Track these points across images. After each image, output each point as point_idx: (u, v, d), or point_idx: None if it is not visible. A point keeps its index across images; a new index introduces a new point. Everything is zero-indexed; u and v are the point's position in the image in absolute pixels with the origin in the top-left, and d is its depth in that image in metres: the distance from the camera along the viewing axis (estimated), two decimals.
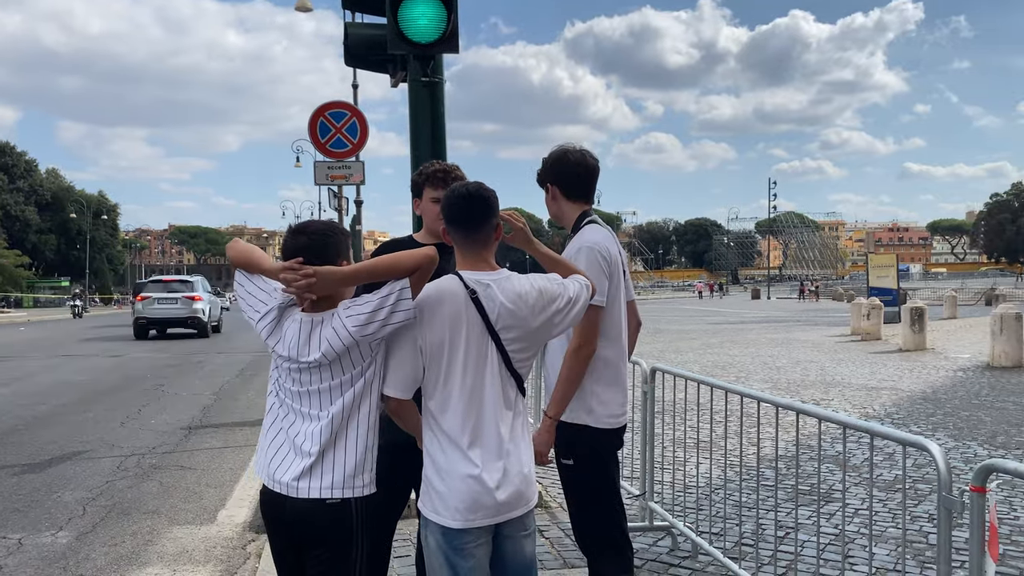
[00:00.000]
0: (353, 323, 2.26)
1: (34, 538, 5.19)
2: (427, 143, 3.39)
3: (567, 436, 2.97)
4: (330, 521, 2.28)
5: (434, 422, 2.34)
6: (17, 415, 10.18)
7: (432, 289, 2.34)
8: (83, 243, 79.26)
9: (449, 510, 2.27)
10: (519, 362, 2.38)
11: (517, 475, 2.33)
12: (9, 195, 72.68)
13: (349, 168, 9.09)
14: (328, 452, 2.29)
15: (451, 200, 2.41)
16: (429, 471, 2.34)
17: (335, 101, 9.15)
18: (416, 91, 3.38)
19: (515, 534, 2.38)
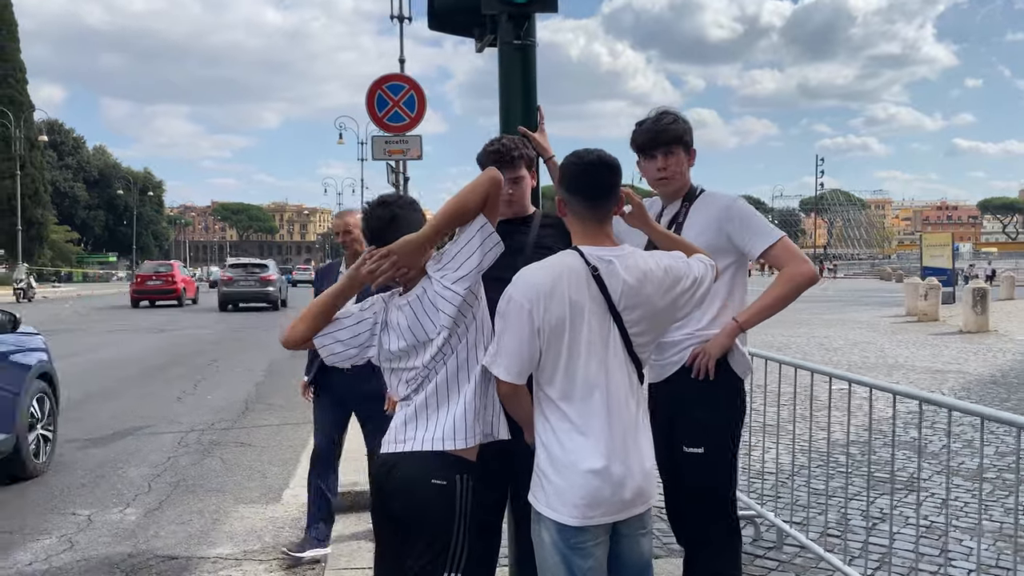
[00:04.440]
0: (450, 279, 2.17)
1: (103, 515, 5.17)
2: (519, 111, 3.19)
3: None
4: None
5: (552, 410, 2.16)
6: (77, 389, 10.29)
7: (549, 265, 2.17)
8: (130, 219, 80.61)
9: (567, 506, 2.11)
10: (640, 347, 2.20)
11: (640, 470, 2.16)
12: (59, 172, 74.02)
13: (407, 142, 8.92)
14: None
15: (576, 167, 2.23)
16: (543, 463, 2.18)
17: (393, 74, 8.99)
18: (508, 55, 3.18)
19: (633, 532, 2.21)
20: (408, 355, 2.27)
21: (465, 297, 2.19)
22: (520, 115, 3.15)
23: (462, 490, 2.19)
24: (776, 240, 2.79)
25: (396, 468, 2.24)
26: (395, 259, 2.20)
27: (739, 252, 2.85)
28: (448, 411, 2.23)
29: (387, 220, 2.30)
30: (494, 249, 2.21)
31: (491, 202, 2.20)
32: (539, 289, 2.11)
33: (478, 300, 2.25)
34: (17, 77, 48.41)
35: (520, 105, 3.17)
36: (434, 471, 2.18)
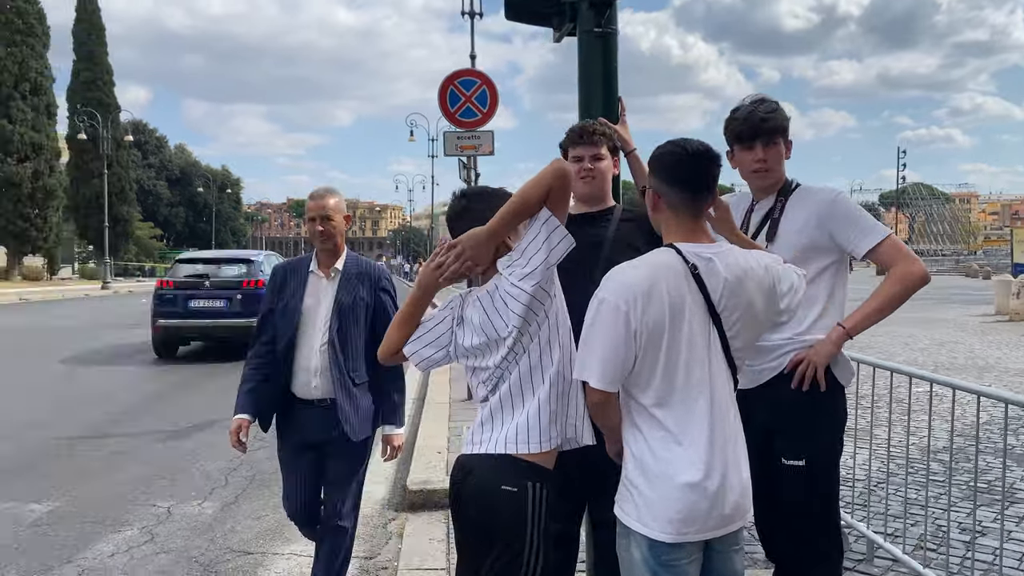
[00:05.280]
0: (518, 276, 2.08)
1: (182, 507, 5.25)
2: (599, 101, 3.07)
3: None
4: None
5: (645, 418, 2.03)
6: (157, 382, 10.60)
7: (644, 264, 2.04)
8: (209, 216, 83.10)
9: (659, 521, 1.97)
10: (736, 350, 2.06)
11: (738, 483, 2.02)
12: (143, 170, 76.72)
13: (479, 138, 8.87)
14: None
15: (677, 157, 2.08)
16: (634, 474, 2.05)
17: (465, 69, 8.95)
18: (588, 44, 3.06)
19: (727, 549, 2.07)
20: (482, 353, 2.19)
21: (534, 294, 2.09)
22: (600, 106, 3.04)
23: (535, 498, 2.09)
24: (883, 238, 2.61)
25: (471, 473, 2.16)
26: (460, 251, 2.12)
27: (841, 251, 2.67)
28: (520, 412, 2.14)
29: (458, 211, 2.26)
30: (562, 244, 2.08)
31: (555, 195, 2.08)
32: (635, 289, 1.98)
33: (551, 297, 2.14)
34: (105, 80, 50.35)
35: (600, 96, 3.05)
36: (505, 477, 2.09)
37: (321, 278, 3.27)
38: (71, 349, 14.02)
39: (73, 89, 49.07)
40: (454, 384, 8.93)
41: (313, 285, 3.26)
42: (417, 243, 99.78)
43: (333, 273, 3.26)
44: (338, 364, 3.17)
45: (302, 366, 3.22)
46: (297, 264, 3.40)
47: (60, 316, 22.58)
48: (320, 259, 3.30)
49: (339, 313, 3.19)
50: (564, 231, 2.08)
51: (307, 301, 3.23)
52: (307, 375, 3.21)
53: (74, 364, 12.45)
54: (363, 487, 3.48)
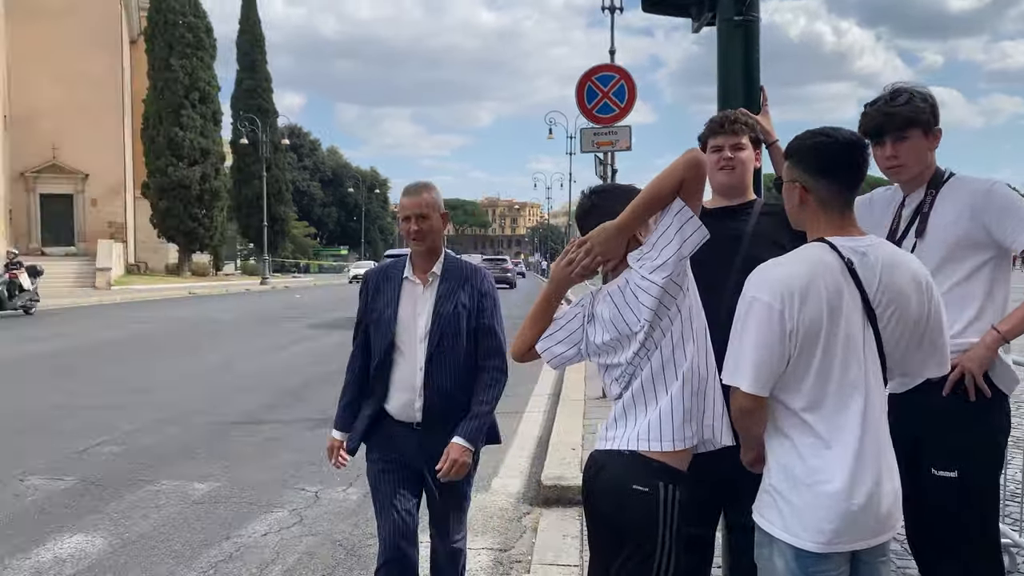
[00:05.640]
0: (648, 269, 2.04)
1: (329, 492, 5.51)
2: (739, 92, 2.97)
3: None
4: None
5: (794, 423, 1.95)
6: (309, 372, 11.17)
7: (799, 260, 1.95)
8: (359, 215, 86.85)
9: (809, 530, 1.88)
10: (890, 352, 1.94)
11: (891, 491, 1.91)
12: (298, 172, 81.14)
13: (615, 133, 8.80)
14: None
15: (827, 146, 1.98)
16: (779, 481, 1.96)
17: (603, 64, 8.91)
18: (727, 33, 2.96)
19: (873, 560, 1.96)
20: (613, 349, 2.16)
21: (666, 287, 2.04)
22: (741, 97, 2.93)
23: (666, 499, 2.04)
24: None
25: (603, 469, 2.14)
26: (589, 247, 2.11)
27: (999, 246, 2.45)
28: (652, 409, 2.10)
29: (586, 209, 2.25)
30: (695, 235, 2.02)
31: (688, 185, 2.02)
32: (791, 287, 1.89)
33: (683, 292, 2.08)
34: (264, 87, 53.64)
35: (741, 86, 2.95)
36: (636, 477, 2.06)
37: (417, 284, 2.90)
38: (231, 339, 15.02)
39: (236, 97, 52.57)
40: (589, 382, 8.90)
41: (409, 293, 2.90)
42: (555, 241, 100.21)
43: (431, 278, 2.89)
44: (441, 382, 2.82)
45: (400, 384, 2.87)
46: (390, 269, 3.01)
47: (222, 309, 24.25)
48: (415, 263, 2.93)
49: (440, 324, 2.82)
50: (698, 222, 2.03)
51: (403, 312, 2.88)
52: (406, 394, 2.86)
53: (233, 354, 13.33)
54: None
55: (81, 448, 6.71)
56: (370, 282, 3.03)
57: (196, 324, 19.25)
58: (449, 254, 2.96)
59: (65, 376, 10.80)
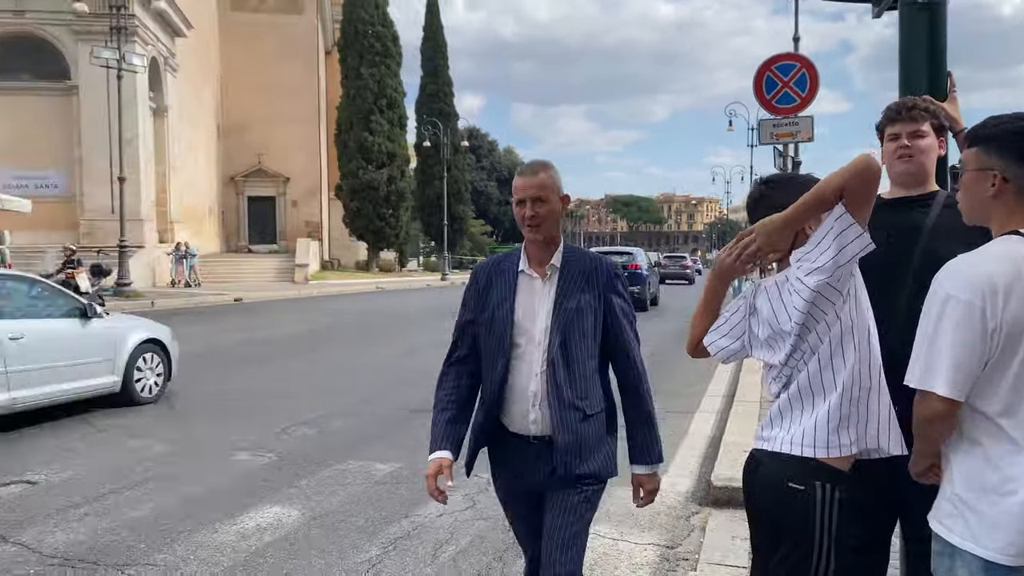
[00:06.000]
0: (804, 271, 1.99)
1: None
2: (923, 79, 2.80)
3: None
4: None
5: (986, 428, 1.84)
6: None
7: (999, 255, 1.83)
8: None
9: (1000, 542, 1.78)
10: None
11: None
12: (476, 172, 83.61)
13: (796, 124, 8.46)
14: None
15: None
16: (963, 489, 1.86)
17: (784, 53, 8.57)
18: (910, 17, 2.81)
19: None
20: (770, 347, 2.14)
21: (820, 291, 1.97)
22: (924, 84, 2.77)
23: (823, 499, 1.98)
24: None
25: (761, 466, 2.12)
26: (753, 238, 2.09)
27: None
28: (808, 415, 2.05)
29: (755, 198, 2.23)
30: (854, 244, 1.93)
31: (853, 192, 1.93)
32: (993, 283, 1.77)
33: (844, 297, 1.99)
34: (446, 91, 55.70)
35: (925, 72, 2.78)
36: (792, 475, 2.02)
37: (534, 279, 2.53)
38: (415, 331, 15.79)
39: (420, 101, 54.89)
40: (765, 383, 8.63)
41: (525, 288, 2.53)
42: (734, 236, 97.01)
43: (549, 271, 2.52)
44: (561, 391, 2.45)
45: (517, 393, 2.50)
46: (503, 262, 2.62)
47: (406, 302, 25.49)
48: (530, 254, 2.55)
49: (561, 324, 2.45)
50: (859, 230, 1.94)
51: (519, 310, 2.51)
52: (523, 405, 2.49)
53: (416, 344, 14.01)
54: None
55: (279, 429, 7.34)
56: (479, 276, 2.64)
57: (383, 316, 20.38)
58: (569, 246, 2.57)
59: (266, 363, 11.82)
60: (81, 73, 27.56)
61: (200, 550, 4.38)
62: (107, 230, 26.31)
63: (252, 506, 5.13)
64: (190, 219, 36.49)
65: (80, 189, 28.65)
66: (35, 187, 27.90)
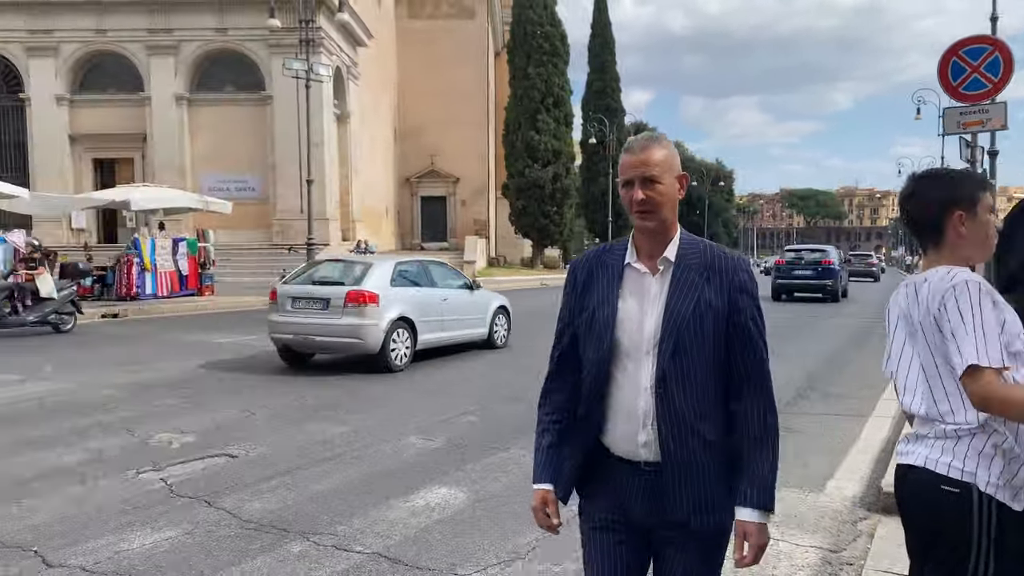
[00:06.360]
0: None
1: None
2: None
3: None
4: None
5: None
6: None
7: None
8: (702, 209, 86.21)
9: None
10: None
11: None
12: None
13: (987, 112, 7.82)
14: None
15: None
16: None
17: (973, 36, 7.95)
18: None
19: None
20: None
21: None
22: None
23: (982, 500, 1.92)
24: None
25: (912, 470, 2.07)
26: None
27: None
28: None
29: (905, 195, 2.16)
30: None
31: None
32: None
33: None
34: (613, 87, 55.50)
35: None
36: (946, 477, 1.97)
37: (644, 274, 2.11)
38: None
39: (587, 98, 55.05)
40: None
41: (633, 286, 2.12)
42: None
43: (662, 265, 2.10)
44: (677, 409, 2.03)
45: (621, 410, 2.10)
46: (606, 255, 2.20)
47: None
48: (639, 245, 2.15)
49: (675, 327, 2.03)
50: None
51: (624, 310, 2.10)
52: (630, 424, 2.09)
53: None
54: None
55: (446, 417, 7.71)
56: (578, 272, 2.24)
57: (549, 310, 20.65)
58: (687, 235, 2.15)
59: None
60: (274, 84, 29.87)
61: (375, 524, 4.73)
62: (296, 229, 28.36)
63: (423, 486, 5.46)
64: (369, 218, 38.63)
65: (273, 191, 31.04)
66: (235, 190, 30.53)
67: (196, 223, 26.07)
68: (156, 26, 30.41)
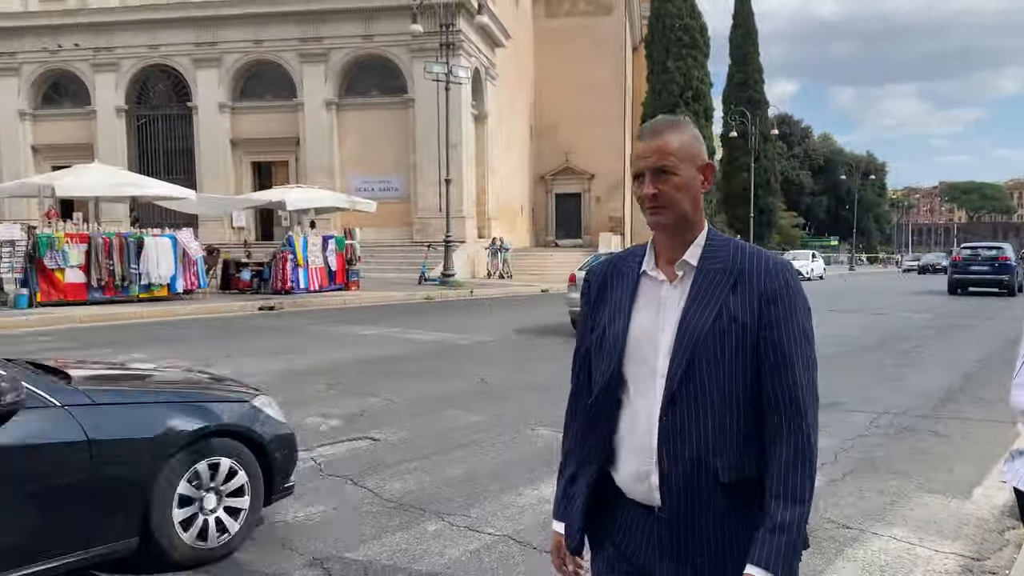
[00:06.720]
0: None
1: None
2: None
3: None
4: None
5: None
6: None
7: None
8: (851, 203, 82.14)
9: None
10: None
11: None
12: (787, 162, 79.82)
13: None
14: None
15: None
16: None
17: None
18: None
19: None
20: None
21: None
22: None
23: None
24: None
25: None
26: None
27: None
28: None
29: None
30: None
31: None
32: None
33: None
34: (755, 79, 53.88)
35: None
36: None
37: (661, 283, 1.82)
38: None
39: (727, 91, 53.76)
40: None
41: (648, 296, 1.83)
42: None
43: (681, 271, 1.80)
44: (684, 440, 1.72)
45: (630, 444, 1.81)
46: (622, 261, 1.92)
47: None
48: (658, 248, 1.85)
49: (690, 345, 1.72)
50: None
51: (637, 325, 1.81)
52: (638, 459, 1.79)
53: None
54: None
55: None
56: (592, 282, 1.94)
57: None
58: (716, 234, 1.84)
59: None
60: (416, 87, 30.95)
61: (505, 509, 4.94)
62: (435, 227, 29.29)
63: (552, 475, 5.62)
64: (505, 216, 39.32)
65: (414, 190, 32.19)
66: (379, 190, 31.87)
67: (343, 222, 27.45)
68: (308, 35, 32.18)
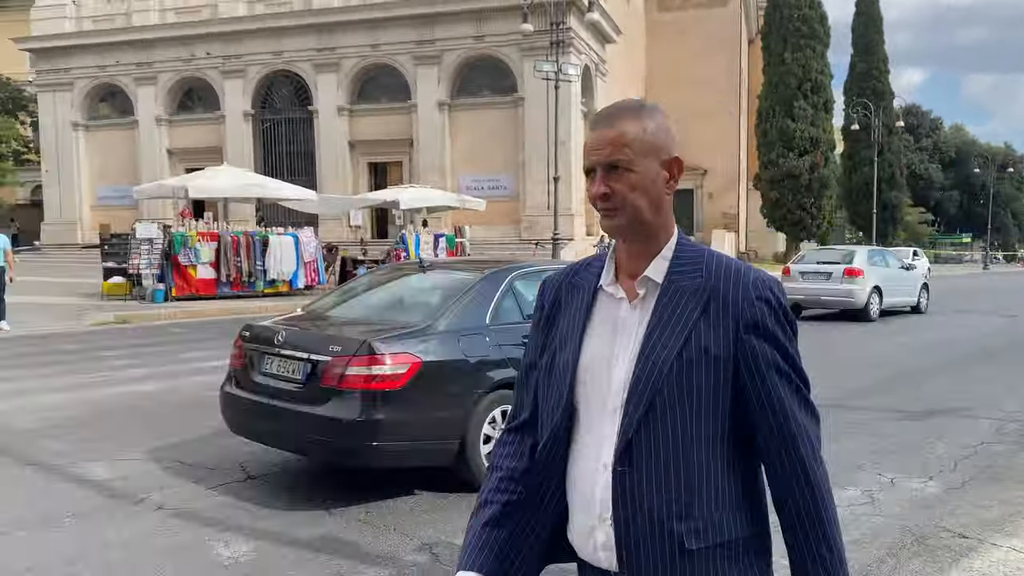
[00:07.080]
0: None
1: (905, 481, 5.44)
2: None
3: None
4: None
5: None
6: (906, 365, 10.76)
7: None
8: (986, 198, 77.23)
9: None
10: None
11: None
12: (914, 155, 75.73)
13: None
14: None
15: None
16: None
17: None
18: None
19: None
20: None
21: None
22: None
23: None
24: None
25: None
26: None
27: None
28: None
29: None
30: None
31: None
32: None
33: None
34: (880, 69, 51.33)
35: None
36: None
37: (619, 301, 1.52)
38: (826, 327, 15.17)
39: (849, 82, 51.51)
40: None
41: (604, 316, 1.53)
42: None
43: (642, 289, 1.50)
44: (641, 496, 1.43)
45: (578, 494, 1.52)
46: (580, 273, 1.61)
47: None
48: (618, 259, 1.55)
49: (648, 381, 1.43)
50: None
51: (588, 353, 1.51)
52: (587, 515, 1.50)
53: (827, 340, 13.46)
54: None
55: None
56: (546, 295, 1.64)
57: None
58: (685, 243, 1.52)
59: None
60: (526, 86, 31.17)
61: None
62: (543, 224, 29.44)
63: None
64: None
65: (523, 188, 32.45)
66: (488, 189, 32.30)
67: (454, 220, 28.01)
68: (422, 38, 32.96)
